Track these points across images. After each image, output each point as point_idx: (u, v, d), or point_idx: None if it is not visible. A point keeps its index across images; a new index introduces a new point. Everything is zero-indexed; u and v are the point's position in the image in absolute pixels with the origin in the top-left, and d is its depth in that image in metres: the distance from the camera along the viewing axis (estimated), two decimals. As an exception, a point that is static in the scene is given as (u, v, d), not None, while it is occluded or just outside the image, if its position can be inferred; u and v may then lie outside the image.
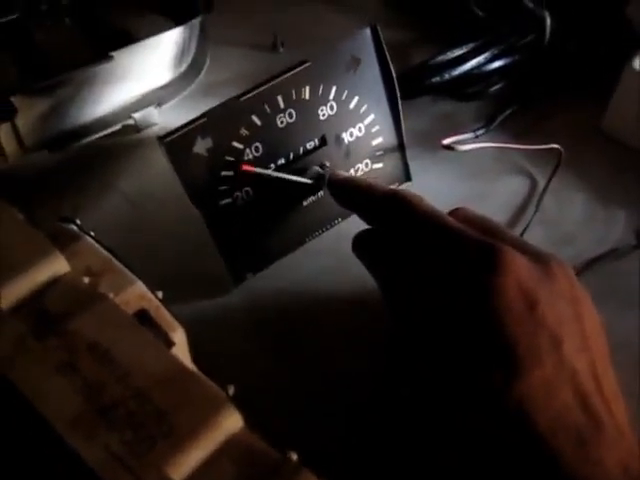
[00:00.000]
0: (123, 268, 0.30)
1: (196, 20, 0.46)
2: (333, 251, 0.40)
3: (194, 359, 0.31)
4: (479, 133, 0.44)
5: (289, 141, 0.38)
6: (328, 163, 0.39)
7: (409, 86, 0.43)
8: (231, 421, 0.22)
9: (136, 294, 0.29)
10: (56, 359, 0.23)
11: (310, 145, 0.38)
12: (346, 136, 0.39)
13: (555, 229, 0.42)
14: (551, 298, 0.29)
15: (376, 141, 0.41)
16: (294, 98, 0.37)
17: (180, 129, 0.34)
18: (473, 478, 0.29)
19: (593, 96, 0.46)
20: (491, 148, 0.43)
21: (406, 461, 0.32)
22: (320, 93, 0.37)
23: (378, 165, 0.42)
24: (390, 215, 0.33)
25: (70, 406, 0.22)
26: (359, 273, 0.36)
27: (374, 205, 0.34)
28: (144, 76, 0.44)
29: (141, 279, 0.31)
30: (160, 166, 0.44)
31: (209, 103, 0.47)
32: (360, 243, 0.35)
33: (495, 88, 0.46)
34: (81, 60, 0.42)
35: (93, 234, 0.33)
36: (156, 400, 0.22)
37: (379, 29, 0.38)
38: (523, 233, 0.41)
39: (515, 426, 0.27)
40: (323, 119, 0.38)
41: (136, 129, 0.45)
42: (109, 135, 0.44)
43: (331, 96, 0.38)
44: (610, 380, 0.29)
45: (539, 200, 0.42)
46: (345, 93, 0.38)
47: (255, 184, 0.37)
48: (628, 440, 0.28)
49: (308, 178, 0.38)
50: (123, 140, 0.45)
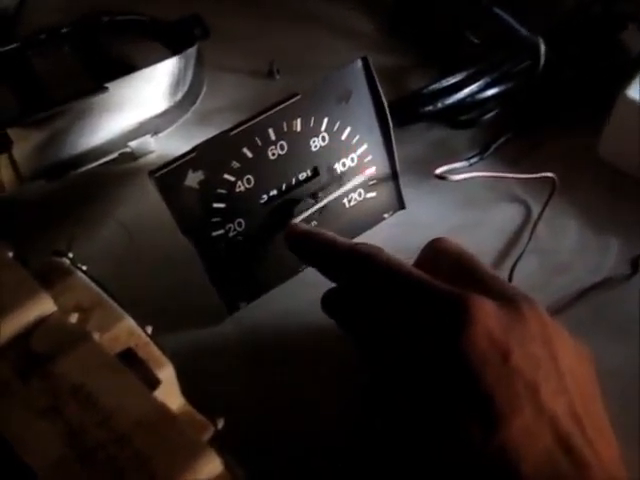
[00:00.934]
0: (113, 303, 0.31)
1: (192, 49, 0.46)
2: (322, 283, 0.40)
3: (184, 391, 0.31)
4: (473, 161, 0.44)
5: (281, 173, 0.38)
6: (321, 194, 0.39)
7: (403, 114, 0.44)
8: (211, 467, 0.22)
9: (125, 330, 0.29)
10: (40, 403, 0.23)
11: (302, 176, 0.39)
12: (339, 166, 0.40)
13: (549, 258, 0.42)
14: (523, 343, 0.29)
15: (369, 171, 0.41)
16: (285, 130, 0.37)
17: (170, 163, 0.34)
18: None
19: (588, 123, 0.45)
20: (490, 176, 0.43)
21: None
22: (312, 125, 0.37)
23: (371, 194, 0.42)
24: (350, 271, 0.33)
25: (52, 450, 0.22)
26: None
27: (333, 262, 0.34)
28: (140, 105, 0.45)
29: (133, 312, 0.31)
30: (156, 195, 0.45)
31: (205, 131, 0.47)
32: (328, 302, 0.35)
33: (489, 115, 0.46)
34: (79, 89, 0.43)
35: (85, 268, 0.33)
36: (137, 444, 0.22)
37: (370, 60, 0.38)
38: (517, 262, 0.41)
39: (498, 476, 0.27)
40: (315, 150, 0.38)
41: (133, 157, 0.45)
42: (106, 164, 0.44)
43: (323, 127, 0.38)
44: (594, 417, 0.29)
45: (533, 228, 0.42)
46: (337, 124, 0.38)
47: (247, 215, 0.37)
48: (616, 476, 0.28)
49: (301, 209, 0.39)
50: (120, 169, 0.45)
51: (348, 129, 0.39)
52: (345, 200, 0.41)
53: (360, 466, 0.34)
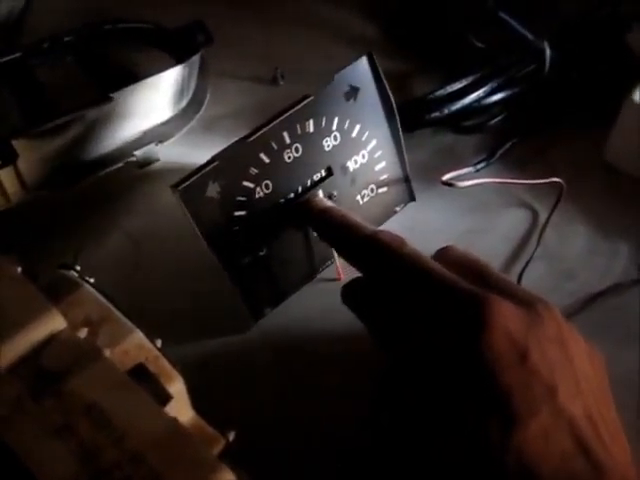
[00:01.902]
0: (122, 317, 0.31)
1: (196, 56, 0.46)
2: (333, 291, 0.40)
3: (194, 404, 0.31)
4: (479, 167, 0.44)
5: (297, 175, 0.38)
6: (335, 192, 0.40)
7: (408, 120, 0.43)
8: (225, 484, 0.22)
9: (135, 344, 0.29)
10: (53, 422, 0.23)
11: (317, 177, 0.39)
12: (351, 164, 0.40)
13: (557, 263, 0.42)
14: (541, 344, 0.29)
15: (379, 166, 0.41)
16: (299, 132, 0.37)
17: (191, 175, 0.34)
18: None
19: (595, 127, 0.45)
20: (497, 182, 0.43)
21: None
22: (323, 125, 0.38)
23: (383, 189, 0.42)
24: (370, 260, 0.33)
25: (66, 470, 0.22)
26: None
27: (353, 247, 0.34)
28: (145, 114, 0.44)
29: (141, 326, 0.31)
30: (162, 203, 0.45)
31: (210, 138, 0.48)
32: (348, 292, 0.35)
33: (496, 120, 0.46)
34: (82, 98, 0.43)
35: (93, 280, 0.33)
36: (151, 462, 0.22)
37: (375, 57, 0.38)
38: (525, 268, 0.41)
39: (515, 478, 0.27)
40: (328, 150, 0.39)
41: (138, 166, 0.45)
42: (111, 173, 0.44)
43: (334, 127, 0.38)
44: (609, 421, 0.29)
45: (541, 234, 0.42)
46: (347, 122, 0.39)
47: (267, 220, 0.38)
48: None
49: None
50: (125, 178, 0.45)
51: (358, 126, 0.39)
52: (358, 197, 0.41)
53: (372, 470, 0.34)
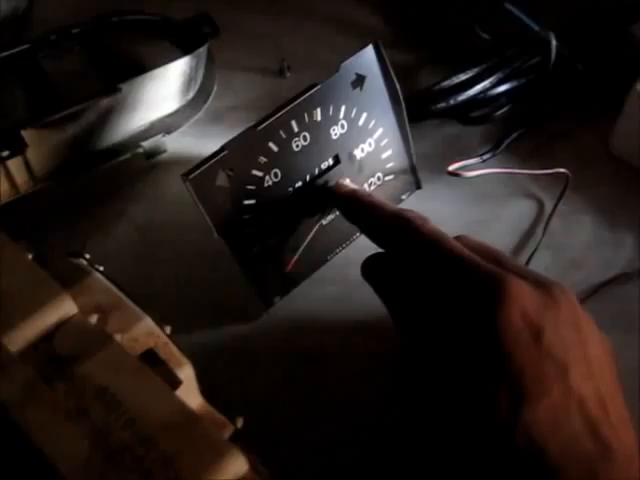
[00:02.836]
0: (131, 304, 0.31)
1: (203, 48, 0.46)
2: (339, 280, 0.41)
3: (203, 391, 0.31)
4: (485, 157, 0.44)
5: (305, 163, 0.38)
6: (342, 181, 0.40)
7: (414, 111, 0.43)
8: (236, 466, 0.22)
9: (144, 331, 0.29)
10: (65, 405, 0.23)
11: (325, 165, 0.39)
12: (358, 152, 0.40)
13: (563, 253, 0.42)
14: (556, 325, 0.29)
15: (386, 154, 0.41)
16: (307, 121, 0.37)
17: (202, 164, 0.34)
18: None
19: (600, 117, 0.46)
20: (502, 173, 0.43)
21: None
22: (331, 113, 0.38)
23: (389, 177, 0.42)
24: (393, 236, 0.34)
25: (79, 452, 0.22)
26: (366, 300, 0.36)
27: (378, 224, 0.35)
28: (152, 105, 0.45)
29: (150, 313, 0.31)
30: (170, 193, 0.45)
31: (217, 129, 0.48)
32: (369, 266, 0.36)
33: (502, 111, 0.46)
34: (90, 90, 0.43)
35: (102, 269, 0.33)
36: (162, 445, 0.22)
37: (381, 45, 0.38)
38: (531, 257, 0.41)
39: (525, 457, 0.27)
40: (335, 138, 0.39)
41: (146, 157, 0.45)
42: (119, 163, 0.44)
43: (341, 115, 0.38)
44: (618, 405, 0.30)
45: (546, 224, 0.42)
46: (354, 111, 0.39)
47: (276, 209, 0.38)
48: (638, 466, 0.28)
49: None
50: (133, 168, 0.45)
51: (364, 114, 0.39)
52: (366, 185, 0.41)
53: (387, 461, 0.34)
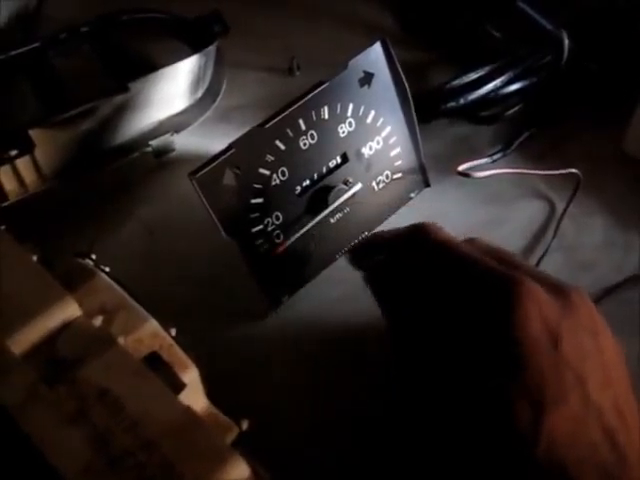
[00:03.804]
0: (137, 305, 0.31)
1: (212, 46, 0.46)
2: (346, 281, 0.40)
3: (209, 393, 0.31)
4: (496, 158, 0.44)
5: (313, 162, 0.38)
6: (351, 179, 0.40)
7: (425, 110, 0.43)
8: (238, 472, 0.22)
9: (149, 332, 0.29)
10: (67, 408, 0.23)
11: (332, 163, 0.39)
12: (366, 150, 0.40)
13: (574, 255, 0.41)
14: (573, 332, 0.29)
15: (394, 152, 0.41)
16: (314, 119, 0.37)
17: (209, 163, 0.34)
18: None
19: (613, 117, 0.45)
20: (512, 173, 0.43)
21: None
22: (338, 111, 0.38)
23: (398, 175, 0.42)
24: (409, 245, 0.33)
25: (80, 456, 0.22)
26: (373, 300, 0.36)
27: (397, 242, 0.34)
28: (161, 104, 0.45)
29: (156, 315, 0.31)
30: (179, 192, 0.45)
31: (226, 128, 0.48)
32: (371, 275, 0.35)
33: (512, 111, 0.45)
34: (100, 88, 0.43)
35: (108, 269, 0.33)
36: (164, 451, 0.22)
37: (389, 42, 0.38)
38: (541, 259, 0.41)
39: (544, 468, 0.27)
40: (343, 136, 0.39)
41: (154, 156, 0.45)
42: (127, 162, 0.44)
43: (349, 113, 0.38)
44: (633, 410, 0.29)
45: (557, 225, 0.42)
46: (362, 109, 0.39)
47: (284, 208, 0.38)
48: None
49: (334, 196, 0.39)
50: (141, 167, 0.45)
51: (372, 112, 0.39)
52: (374, 183, 0.41)
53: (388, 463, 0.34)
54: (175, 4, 0.50)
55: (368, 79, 0.38)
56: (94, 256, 0.34)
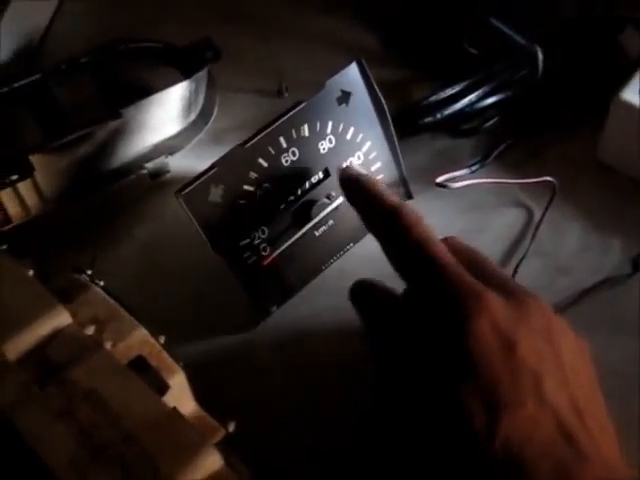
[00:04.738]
0: (127, 315, 0.33)
1: (203, 72, 0.48)
2: (333, 291, 0.42)
3: (198, 397, 0.33)
4: (474, 168, 0.45)
5: (295, 177, 0.40)
6: (334, 193, 0.41)
7: (405, 126, 0.45)
8: (211, 462, 0.24)
9: (139, 339, 0.31)
10: (56, 406, 0.25)
11: (315, 179, 0.41)
12: (347, 165, 0.41)
13: (551, 259, 0.43)
14: (529, 337, 0.30)
15: (375, 166, 0.43)
16: (295, 137, 0.39)
17: (194, 181, 0.36)
18: None
19: (587, 126, 0.47)
20: (489, 183, 0.45)
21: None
22: (318, 129, 0.40)
23: None
24: (384, 229, 0.35)
25: (67, 449, 0.24)
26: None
27: (375, 214, 0.36)
28: (155, 128, 0.47)
29: (147, 324, 0.33)
30: (173, 212, 0.46)
31: (219, 149, 0.49)
32: (355, 291, 0.37)
33: (490, 123, 0.47)
34: (97, 115, 0.45)
35: (102, 283, 0.36)
36: (144, 442, 0.24)
37: (364, 62, 0.40)
38: (519, 264, 0.42)
39: (501, 464, 0.28)
40: (324, 153, 0.40)
41: (150, 177, 0.47)
42: (124, 184, 0.47)
43: (328, 130, 0.40)
44: (596, 412, 0.30)
45: (535, 231, 0.43)
46: (341, 126, 0.40)
47: (269, 222, 0.39)
48: (616, 471, 0.29)
49: (318, 209, 0.41)
50: (137, 189, 0.47)
51: (352, 129, 0.41)
52: None
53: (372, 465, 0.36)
54: (169, 33, 0.53)
55: (346, 97, 0.40)
56: (89, 271, 0.36)
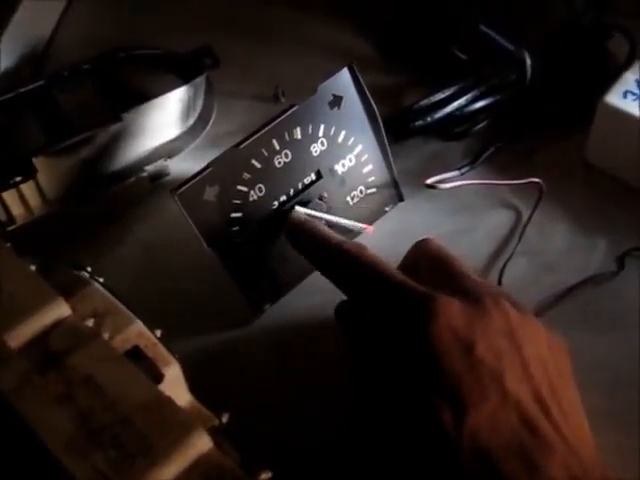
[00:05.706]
0: (125, 310, 0.34)
1: (201, 77, 0.50)
2: (326, 288, 0.43)
3: (192, 389, 0.34)
4: (464, 170, 0.46)
5: (288, 179, 0.41)
6: (326, 194, 0.43)
7: (397, 129, 0.46)
8: (201, 442, 0.25)
9: (135, 332, 0.33)
10: (55, 391, 0.26)
11: (307, 180, 0.42)
12: (339, 167, 0.43)
13: (538, 258, 0.44)
14: (487, 336, 0.31)
15: (367, 168, 0.44)
16: (287, 139, 0.40)
17: (189, 180, 0.38)
18: None
19: (576, 128, 0.48)
20: (478, 184, 0.46)
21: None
22: (310, 132, 0.41)
23: (372, 190, 0.45)
24: (336, 268, 0.36)
25: (65, 432, 0.25)
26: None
27: (322, 257, 0.37)
28: (155, 132, 0.48)
29: (144, 319, 0.35)
30: (172, 213, 0.48)
31: (216, 153, 0.50)
32: (339, 312, 0.38)
33: (480, 126, 0.48)
34: (99, 119, 0.47)
35: (102, 280, 0.37)
36: (138, 424, 0.25)
37: (355, 67, 0.41)
38: (506, 263, 0.43)
39: (470, 458, 0.29)
40: (316, 155, 0.42)
41: (149, 180, 0.49)
42: (125, 187, 0.48)
43: (320, 133, 0.41)
44: (563, 403, 0.31)
45: (522, 232, 0.45)
46: (333, 129, 0.42)
47: (263, 221, 0.41)
48: (584, 459, 0.30)
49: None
50: (137, 191, 0.49)
51: (343, 132, 0.42)
52: (348, 198, 0.44)
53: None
54: (170, 40, 0.54)
55: (337, 102, 0.41)
56: (89, 268, 0.37)
